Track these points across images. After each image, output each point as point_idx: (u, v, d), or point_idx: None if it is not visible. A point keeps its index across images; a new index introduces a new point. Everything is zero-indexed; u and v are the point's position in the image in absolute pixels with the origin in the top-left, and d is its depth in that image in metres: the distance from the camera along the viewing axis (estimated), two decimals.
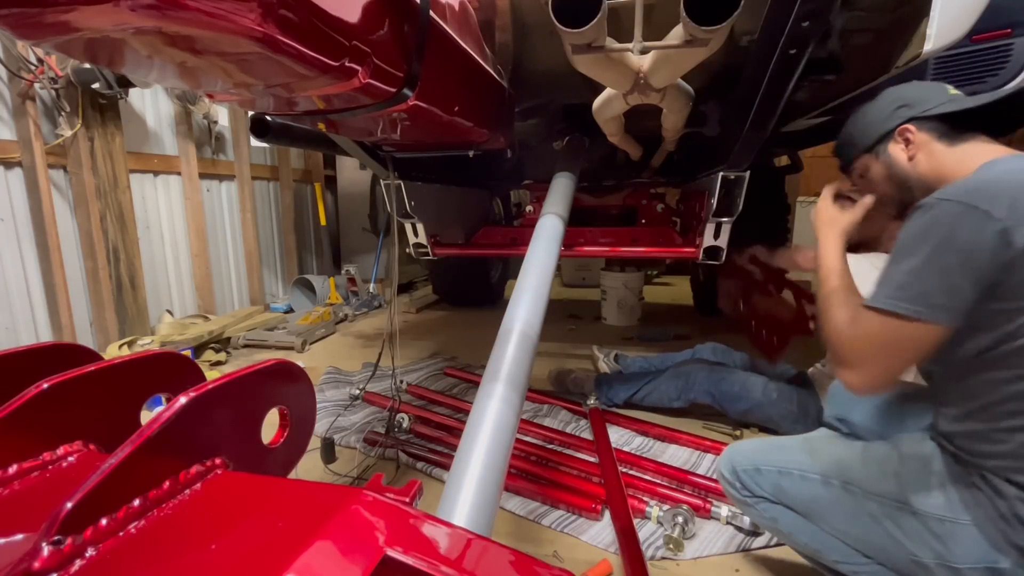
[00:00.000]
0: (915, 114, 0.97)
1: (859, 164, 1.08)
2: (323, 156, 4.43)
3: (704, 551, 1.27)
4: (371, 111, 1.00)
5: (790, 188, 3.36)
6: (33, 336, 2.44)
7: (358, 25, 0.79)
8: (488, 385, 0.77)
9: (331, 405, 2.12)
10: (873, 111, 1.05)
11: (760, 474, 1.05)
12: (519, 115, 1.92)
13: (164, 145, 3.08)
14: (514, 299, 1.00)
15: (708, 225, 1.82)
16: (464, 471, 0.62)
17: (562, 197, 1.51)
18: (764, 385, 1.80)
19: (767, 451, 1.09)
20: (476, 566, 0.33)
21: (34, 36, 0.63)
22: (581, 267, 4.87)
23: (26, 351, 0.54)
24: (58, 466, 0.45)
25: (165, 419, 0.40)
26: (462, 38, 1.21)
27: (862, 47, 1.45)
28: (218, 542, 0.36)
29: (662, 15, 1.11)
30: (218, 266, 3.51)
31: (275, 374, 0.53)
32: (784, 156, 3.09)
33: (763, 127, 1.43)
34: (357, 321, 3.67)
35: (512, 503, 1.45)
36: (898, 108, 0.99)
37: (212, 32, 0.61)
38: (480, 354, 2.70)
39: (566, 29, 0.95)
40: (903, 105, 0.99)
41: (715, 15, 0.90)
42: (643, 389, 2.01)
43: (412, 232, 2.17)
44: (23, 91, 2.26)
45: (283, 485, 0.43)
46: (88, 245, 2.59)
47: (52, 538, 0.33)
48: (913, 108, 0.98)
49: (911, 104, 0.99)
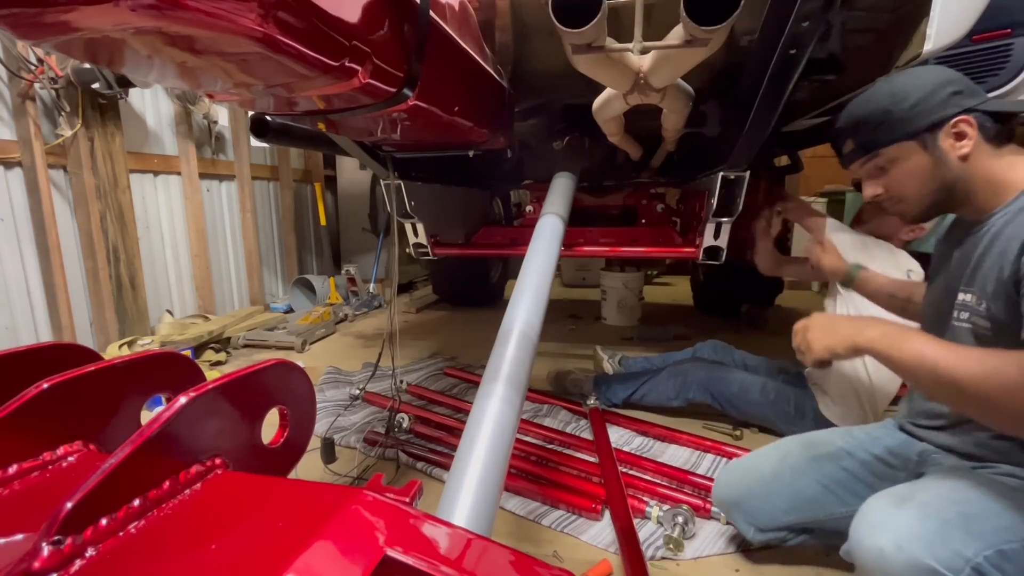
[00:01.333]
0: (973, 104, 0.84)
1: (892, 150, 0.92)
2: (323, 156, 4.43)
3: (704, 551, 1.27)
4: (371, 111, 1.00)
5: (790, 188, 3.37)
6: (33, 336, 2.44)
7: (358, 25, 0.79)
8: (488, 385, 0.77)
9: (331, 405, 2.12)
10: (918, 89, 0.88)
11: (1007, 558, 0.72)
12: (519, 115, 1.92)
13: (164, 145, 3.08)
14: (514, 299, 1.00)
15: (708, 225, 1.82)
16: (464, 471, 0.62)
17: (562, 197, 1.51)
18: (762, 386, 1.81)
19: (978, 520, 0.76)
20: (476, 566, 0.33)
21: (34, 36, 0.63)
22: (581, 267, 4.87)
23: (26, 351, 0.54)
24: (58, 466, 0.45)
25: (165, 419, 0.40)
26: (462, 38, 1.21)
27: (862, 47, 1.45)
28: (218, 542, 0.36)
29: (662, 15, 1.11)
30: (218, 266, 3.51)
31: (275, 374, 0.53)
32: (784, 156, 3.09)
33: (763, 127, 1.43)
34: (357, 321, 3.67)
35: (512, 503, 1.45)
36: (953, 94, 0.84)
37: (212, 32, 0.61)
38: (480, 354, 2.70)
39: (566, 29, 0.95)
40: (957, 91, 0.84)
41: (715, 15, 0.89)
42: (641, 388, 2.01)
43: (412, 232, 2.17)
44: (23, 91, 2.26)
45: (283, 485, 0.43)
46: (88, 245, 2.59)
47: (52, 538, 0.33)
48: (968, 97, 0.84)
49: (965, 92, 0.84)
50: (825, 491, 1.10)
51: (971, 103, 0.84)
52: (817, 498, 1.10)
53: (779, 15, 1.11)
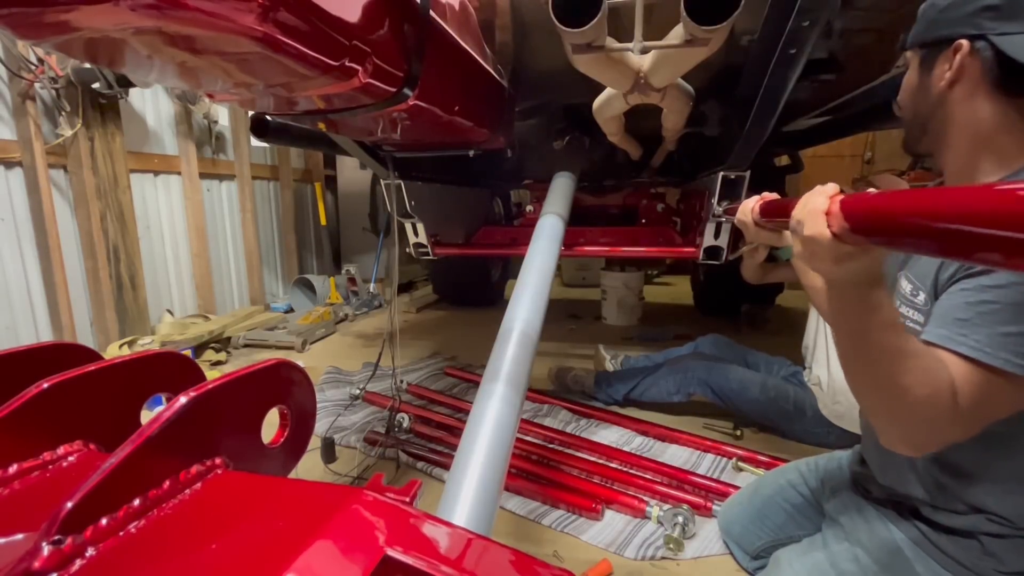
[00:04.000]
0: (999, 30, 0.65)
1: (909, 55, 0.80)
2: (323, 156, 4.42)
3: (704, 551, 1.27)
4: (371, 111, 1.00)
5: (790, 188, 3.36)
6: (33, 336, 2.44)
7: (358, 25, 0.79)
8: (488, 385, 0.77)
9: (331, 405, 2.12)
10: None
11: None
12: (519, 115, 1.92)
13: (164, 145, 3.08)
14: (514, 299, 1.00)
15: (708, 225, 1.82)
16: (464, 471, 0.62)
17: (562, 197, 1.51)
18: (762, 383, 1.81)
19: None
20: (476, 566, 0.33)
21: (34, 36, 0.63)
22: (581, 267, 4.86)
23: (26, 351, 0.53)
24: (58, 466, 0.45)
25: (165, 419, 0.40)
26: (462, 38, 1.21)
27: (862, 47, 1.45)
28: (218, 542, 0.36)
29: (662, 15, 1.11)
30: (218, 266, 3.51)
31: (275, 374, 0.52)
32: (784, 156, 3.08)
33: (763, 127, 1.43)
34: (357, 321, 3.67)
35: (512, 503, 1.45)
36: (984, 9, 0.67)
37: (212, 32, 0.61)
38: (480, 354, 2.70)
39: (566, 29, 0.95)
40: (991, 6, 0.66)
41: (715, 15, 0.89)
42: (642, 384, 2.01)
43: (412, 232, 2.17)
44: (23, 91, 2.26)
45: (283, 485, 0.43)
46: (88, 245, 2.59)
47: (52, 538, 0.33)
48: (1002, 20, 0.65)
49: (1004, 11, 0.65)
50: (787, 515, 1.15)
51: (1000, 28, 0.65)
52: (781, 523, 1.16)
53: (779, 15, 1.11)
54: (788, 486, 1.18)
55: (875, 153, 5.39)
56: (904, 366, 0.63)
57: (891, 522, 0.89)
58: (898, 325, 0.63)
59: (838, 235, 0.55)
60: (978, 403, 0.63)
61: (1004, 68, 0.66)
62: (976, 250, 0.37)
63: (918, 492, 0.84)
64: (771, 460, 1.62)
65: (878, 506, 0.94)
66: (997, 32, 0.66)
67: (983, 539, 0.77)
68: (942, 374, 0.64)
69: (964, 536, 0.79)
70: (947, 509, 0.81)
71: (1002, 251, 0.35)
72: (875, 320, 0.62)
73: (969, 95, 0.70)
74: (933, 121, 0.76)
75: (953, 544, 0.80)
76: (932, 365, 0.64)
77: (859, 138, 5.20)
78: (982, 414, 0.65)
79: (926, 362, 0.63)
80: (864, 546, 0.90)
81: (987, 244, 0.35)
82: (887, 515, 0.91)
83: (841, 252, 0.56)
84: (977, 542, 0.78)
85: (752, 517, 1.20)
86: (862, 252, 0.56)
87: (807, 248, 0.60)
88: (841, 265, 0.58)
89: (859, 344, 0.65)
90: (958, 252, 0.39)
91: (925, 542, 0.83)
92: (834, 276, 0.61)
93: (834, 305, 0.65)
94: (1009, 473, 0.75)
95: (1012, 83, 0.66)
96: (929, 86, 0.74)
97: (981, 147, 0.72)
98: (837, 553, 0.92)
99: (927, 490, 0.83)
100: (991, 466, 0.76)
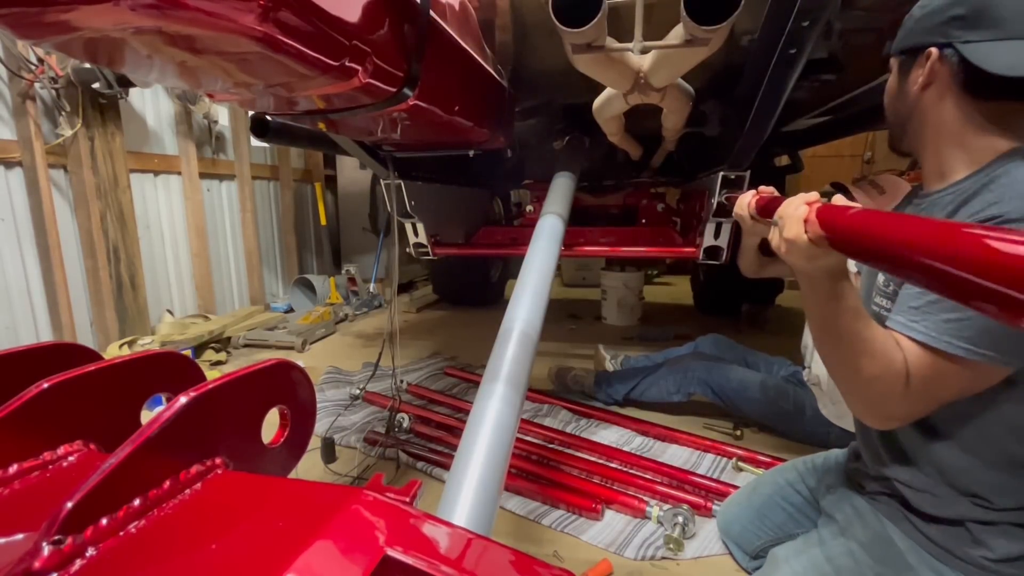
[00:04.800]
0: (964, 39, 0.71)
1: (892, 61, 0.86)
2: (323, 156, 4.42)
3: (704, 551, 1.27)
4: (371, 111, 1.00)
5: (790, 188, 3.36)
6: (33, 336, 2.44)
7: (358, 25, 0.79)
8: (488, 385, 0.77)
9: (331, 405, 2.12)
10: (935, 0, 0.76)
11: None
12: (519, 115, 1.92)
13: (164, 145, 3.08)
14: (514, 299, 1.00)
15: (708, 225, 1.82)
16: (464, 471, 0.62)
17: (562, 197, 1.51)
18: (762, 383, 1.81)
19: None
20: (476, 566, 0.33)
21: (34, 36, 0.63)
22: (581, 267, 4.87)
23: (26, 351, 0.53)
24: (58, 466, 0.45)
25: (165, 419, 0.40)
26: (462, 38, 1.21)
27: (862, 47, 1.45)
28: (218, 542, 0.36)
29: (662, 15, 1.11)
30: (218, 266, 3.51)
31: (275, 374, 0.52)
32: (784, 156, 3.09)
33: (763, 127, 1.43)
34: (357, 321, 3.67)
35: (512, 503, 1.45)
36: (952, 19, 0.73)
37: (212, 32, 0.61)
38: (480, 354, 2.70)
39: (566, 29, 0.95)
40: (958, 16, 0.72)
41: (715, 15, 0.90)
42: (642, 384, 2.01)
43: (412, 232, 2.17)
44: (23, 91, 2.26)
45: (283, 485, 0.43)
46: (88, 245, 2.59)
47: (52, 538, 0.33)
48: (968, 29, 0.71)
49: (968, 20, 0.71)
50: (786, 514, 1.16)
51: (964, 37, 0.71)
52: (780, 522, 1.16)
53: (779, 15, 1.11)
54: (786, 485, 1.18)
55: (875, 153, 5.39)
56: (862, 347, 0.72)
57: (884, 516, 0.91)
58: (860, 311, 0.72)
59: (813, 240, 0.66)
60: (927, 382, 0.72)
61: (969, 73, 0.73)
62: (931, 282, 0.45)
63: (905, 476, 0.87)
64: (771, 460, 1.62)
65: (871, 500, 0.95)
66: (962, 40, 0.72)
67: (970, 526, 0.80)
68: (896, 355, 0.72)
69: (952, 524, 0.82)
70: (932, 493, 0.83)
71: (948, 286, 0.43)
72: (840, 306, 0.72)
73: (940, 98, 0.77)
74: (911, 122, 0.83)
75: (943, 534, 0.83)
76: (888, 347, 0.73)
77: (859, 138, 5.20)
78: (931, 393, 0.73)
79: (882, 345, 0.72)
80: (859, 541, 0.91)
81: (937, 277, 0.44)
82: (880, 509, 0.92)
83: (813, 252, 0.67)
84: (965, 530, 0.80)
85: (751, 517, 1.21)
86: (831, 252, 0.65)
87: (786, 246, 0.71)
88: (812, 262, 0.69)
89: (827, 327, 0.75)
90: (915, 279, 0.48)
91: (916, 533, 0.85)
92: (806, 270, 0.72)
93: (806, 293, 0.76)
94: (985, 447, 0.79)
95: (977, 87, 0.73)
96: (907, 90, 0.81)
97: (952, 146, 0.79)
98: (833, 548, 0.93)
99: (913, 474, 0.86)
100: (966, 440, 0.80)
